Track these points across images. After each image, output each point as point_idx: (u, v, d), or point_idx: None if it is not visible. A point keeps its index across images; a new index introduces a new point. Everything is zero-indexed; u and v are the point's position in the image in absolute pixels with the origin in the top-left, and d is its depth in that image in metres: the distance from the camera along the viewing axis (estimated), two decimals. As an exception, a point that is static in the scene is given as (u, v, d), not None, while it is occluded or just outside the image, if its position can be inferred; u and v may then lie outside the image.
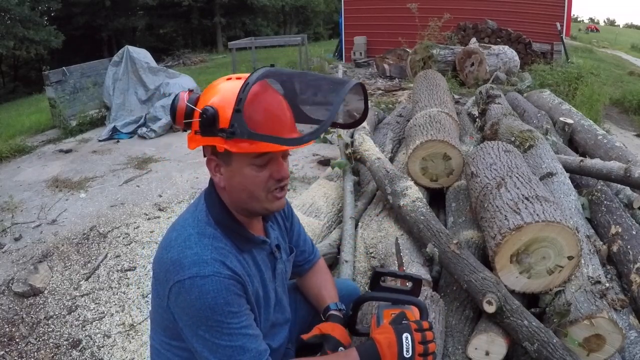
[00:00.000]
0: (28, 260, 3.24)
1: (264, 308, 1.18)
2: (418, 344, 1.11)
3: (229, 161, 1.09)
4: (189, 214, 1.16)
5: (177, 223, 1.16)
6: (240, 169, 1.09)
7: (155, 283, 1.13)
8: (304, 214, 2.56)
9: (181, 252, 1.05)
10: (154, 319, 1.20)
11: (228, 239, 1.11)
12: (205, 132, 1.06)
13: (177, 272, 1.03)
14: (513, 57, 8.45)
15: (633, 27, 58.37)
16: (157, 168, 5.04)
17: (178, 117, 1.12)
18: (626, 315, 1.80)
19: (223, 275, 1.03)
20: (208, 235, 1.09)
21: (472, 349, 1.61)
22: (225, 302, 1.02)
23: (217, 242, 1.08)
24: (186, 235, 1.09)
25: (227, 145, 1.04)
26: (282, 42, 11.92)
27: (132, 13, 23.60)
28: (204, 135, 1.07)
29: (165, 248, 1.09)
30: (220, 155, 1.09)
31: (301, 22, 32.53)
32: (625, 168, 2.47)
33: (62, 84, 6.65)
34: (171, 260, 1.05)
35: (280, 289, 1.29)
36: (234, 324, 1.03)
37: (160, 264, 1.09)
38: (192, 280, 1.01)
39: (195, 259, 1.03)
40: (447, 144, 2.71)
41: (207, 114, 1.04)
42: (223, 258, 1.06)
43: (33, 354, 2.37)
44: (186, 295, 1.02)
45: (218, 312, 1.01)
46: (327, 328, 1.33)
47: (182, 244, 1.07)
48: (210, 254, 1.05)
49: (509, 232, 1.74)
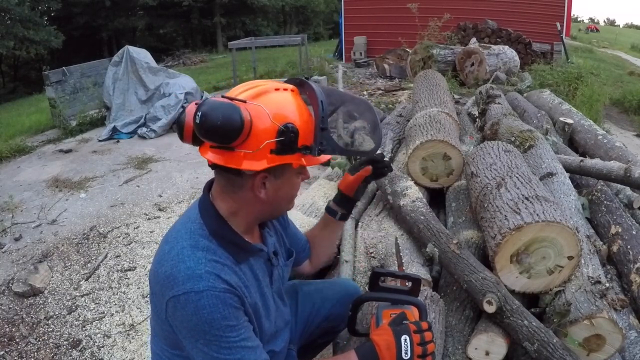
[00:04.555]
0: (28, 260, 3.24)
1: (264, 317, 1.17)
2: (417, 345, 1.11)
3: (281, 174, 1.09)
4: (181, 225, 1.13)
5: (169, 235, 1.13)
6: (290, 179, 1.13)
7: (152, 295, 1.11)
8: (304, 214, 2.56)
9: (174, 267, 1.03)
10: (154, 327, 1.18)
11: (224, 250, 1.08)
12: (285, 151, 1.04)
13: (172, 287, 1.01)
14: (513, 57, 8.45)
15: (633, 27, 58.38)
16: (157, 168, 5.04)
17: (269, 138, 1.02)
18: (626, 315, 1.80)
19: (218, 289, 1.01)
20: (202, 248, 1.06)
21: (472, 349, 1.61)
22: (222, 317, 1.00)
23: (211, 255, 1.05)
24: (179, 248, 1.06)
25: (304, 159, 1.08)
26: (282, 42, 11.92)
27: (132, 13, 23.62)
28: (282, 154, 1.04)
29: (159, 262, 1.07)
30: (273, 170, 1.07)
31: (301, 22, 32.53)
32: (625, 168, 2.47)
33: (62, 84, 6.66)
34: (165, 275, 1.03)
35: (277, 295, 1.27)
36: (232, 337, 1.02)
37: (155, 279, 1.07)
38: (187, 296, 0.99)
39: (189, 273, 1.01)
40: (447, 144, 2.70)
41: (292, 132, 1.03)
42: (217, 271, 1.03)
43: (33, 354, 2.38)
44: (182, 310, 1.00)
45: (215, 327, 1.00)
46: None
47: (175, 257, 1.04)
48: (204, 268, 1.02)
49: (509, 232, 1.74)
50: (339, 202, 1.46)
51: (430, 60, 8.26)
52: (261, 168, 1.04)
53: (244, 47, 9.91)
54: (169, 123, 6.28)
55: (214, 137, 1.00)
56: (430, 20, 8.99)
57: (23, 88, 18.53)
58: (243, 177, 1.07)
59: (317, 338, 1.59)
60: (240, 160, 1.03)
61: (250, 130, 1.01)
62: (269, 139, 1.02)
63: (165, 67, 7.80)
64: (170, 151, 5.56)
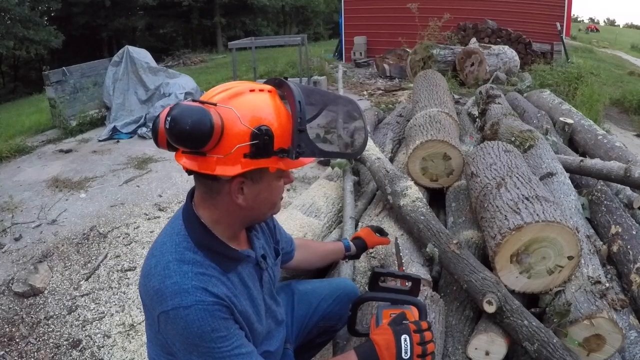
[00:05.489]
0: (28, 260, 3.24)
1: (256, 322, 1.15)
2: (416, 345, 1.11)
3: (259, 179, 1.05)
4: (167, 237, 1.09)
5: (155, 248, 1.10)
6: (269, 184, 1.08)
7: (144, 307, 1.10)
8: (304, 214, 2.56)
9: (161, 282, 1.01)
10: (148, 334, 1.17)
11: (210, 261, 1.05)
12: (260, 155, 1.00)
13: (160, 302, 1.00)
14: (513, 57, 8.45)
15: (633, 27, 58.37)
16: (157, 168, 5.04)
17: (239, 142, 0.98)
18: (626, 315, 1.80)
19: (206, 302, 0.99)
20: (187, 262, 1.03)
21: (472, 349, 1.61)
22: (211, 329, 0.99)
23: (197, 268, 1.03)
24: (165, 262, 1.03)
25: (281, 163, 1.03)
26: (282, 42, 11.90)
27: (132, 13, 23.60)
28: (257, 157, 1.00)
29: (147, 276, 1.06)
30: (250, 174, 1.03)
31: (301, 22, 32.53)
32: (625, 168, 2.47)
33: (62, 84, 6.65)
34: (153, 290, 1.02)
35: (268, 297, 1.26)
36: (225, 347, 1.01)
37: (145, 292, 1.06)
38: (176, 311, 0.98)
39: (176, 288, 0.99)
40: (447, 144, 2.70)
41: (267, 135, 0.98)
42: (204, 284, 1.01)
43: (33, 354, 2.38)
44: (173, 325, 0.99)
45: (207, 339, 0.99)
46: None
47: (161, 272, 1.02)
48: (190, 282, 1.00)
49: (509, 232, 1.74)
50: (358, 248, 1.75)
51: (430, 60, 8.27)
52: (235, 173, 1.00)
53: (244, 47, 9.90)
54: (169, 123, 6.28)
55: (185, 142, 0.97)
56: (430, 20, 9.00)
57: (23, 88, 18.51)
58: (220, 182, 1.04)
59: (314, 337, 1.59)
60: (213, 166, 1.00)
61: (222, 135, 0.97)
62: (241, 142, 0.98)
63: (165, 67, 7.80)
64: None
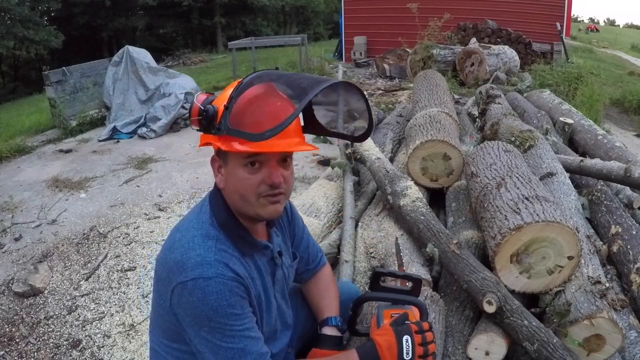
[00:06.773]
0: (28, 260, 3.24)
1: (265, 312, 1.18)
2: (418, 345, 1.11)
3: (226, 161, 1.11)
4: (194, 215, 1.16)
5: (181, 224, 1.16)
6: (234, 170, 1.09)
7: (157, 283, 1.12)
8: (304, 214, 2.56)
9: (184, 254, 1.05)
10: (154, 320, 1.19)
11: (231, 242, 1.11)
12: (205, 130, 1.09)
13: (180, 273, 1.03)
14: (513, 57, 8.45)
15: (633, 27, 58.33)
16: (157, 168, 5.04)
17: (191, 117, 1.12)
18: (626, 315, 1.80)
19: (226, 277, 1.03)
20: (212, 237, 1.08)
21: (472, 349, 1.61)
22: (228, 304, 1.02)
23: (221, 245, 1.08)
24: (190, 236, 1.08)
25: (219, 142, 1.06)
26: (282, 42, 11.92)
27: (132, 13, 23.59)
28: (204, 132, 1.10)
29: (169, 249, 1.09)
30: (221, 155, 1.11)
31: (301, 22, 32.52)
32: (625, 168, 2.47)
33: (62, 84, 6.65)
34: (174, 261, 1.05)
35: (279, 295, 1.27)
36: (237, 326, 1.03)
37: (163, 265, 1.08)
38: (195, 282, 1.01)
39: (199, 260, 1.03)
40: (447, 144, 2.71)
41: (208, 112, 1.06)
42: (226, 260, 1.05)
43: (33, 354, 2.37)
44: (189, 296, 1.02)
45: (221, 314, 1.01)
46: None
47: (185, 245, 1.07)
48: (213, 256, 1.04)
49: (509, 232, 1.74)
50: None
51: (430, 60, 8.26)
52: (199, 145, 1.16)
53: (244, 47, 9.91)
54: (169, 123, 6.28)
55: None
56: (430, 20, 8.99)
57: (23, 88, 18.50)
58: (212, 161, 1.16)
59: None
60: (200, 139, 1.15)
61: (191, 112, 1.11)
62: (194, 116, 1.09)
63: (165, 67, 7.79)
64: (170, 151, 5.55)
